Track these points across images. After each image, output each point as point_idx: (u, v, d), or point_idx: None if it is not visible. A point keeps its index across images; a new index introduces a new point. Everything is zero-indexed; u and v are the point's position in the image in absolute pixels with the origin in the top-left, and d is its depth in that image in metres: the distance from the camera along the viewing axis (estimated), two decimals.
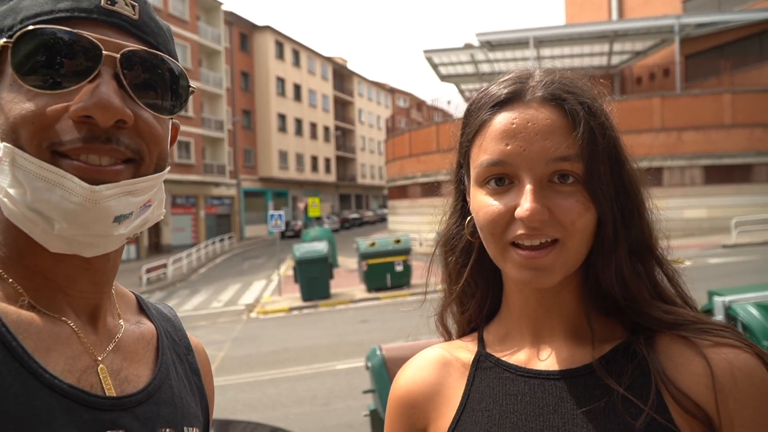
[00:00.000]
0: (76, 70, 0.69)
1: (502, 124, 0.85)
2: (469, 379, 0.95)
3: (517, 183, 0.83)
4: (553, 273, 0.83)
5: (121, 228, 0.74)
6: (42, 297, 0.75)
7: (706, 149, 24.50)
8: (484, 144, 0.86)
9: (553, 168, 0.82)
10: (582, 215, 0.82)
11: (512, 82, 0.88)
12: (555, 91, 0.85)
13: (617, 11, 33.78)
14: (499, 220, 0.83)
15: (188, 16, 38.54)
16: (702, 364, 0.82)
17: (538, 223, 0.80)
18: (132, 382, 0.79)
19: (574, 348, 0.91)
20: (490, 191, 0.85)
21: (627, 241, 0.87)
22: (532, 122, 0.83)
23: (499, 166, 0.84)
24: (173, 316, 1.01)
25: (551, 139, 0.82)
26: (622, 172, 0.88)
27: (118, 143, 0.71)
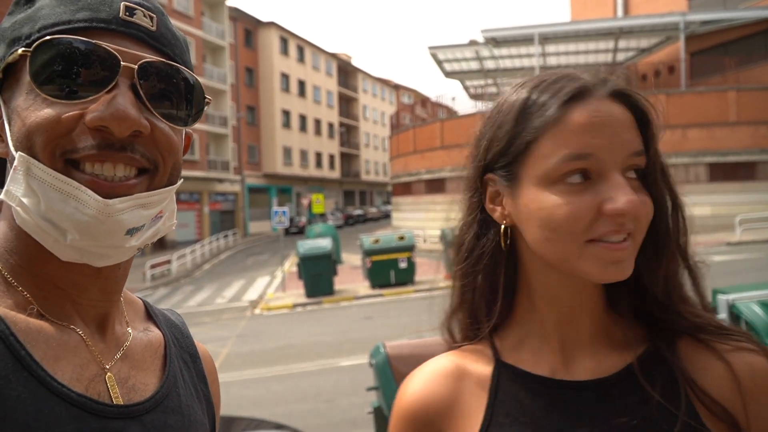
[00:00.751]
0: (94, 80, 0.70)
1: (584, 117, 0.81)
2: (492, 392, 0.91)
3: (596, 178, 0.81)
4: (631, 264, 0.82)
5: (133, 240, 0.74)
6: (51, 305, 0.75)
7: (710, 147, 24.41)
8: (563, 138, 0.81)
9: (630, 162, 0.82)
10: (651, 209, 0.83)
11: (572, 80, 0.85)
12: (623, 88, 0.85)
13: (622, 8, 33.66)
14: (584, 218, 0.79)
15: (193, 12, 38.52)
16: (724, 368, 0.83)
17: (631, 217, 0.79)
18: (139, 391, 0.79)
19: (601, 355, 0.89)
20: (567, 188, 0.81)
21: (678, 236, 0.88)
22: (612, 116, 0.82)
23: (584, 159, 0.80)
24: (181, 323, 1.01)
25: (630, 133, 0.82)
26: (665, 167, 0.89)
27: (133, 152, 0.72)
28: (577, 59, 33.55)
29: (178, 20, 36.65)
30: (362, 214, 55.80)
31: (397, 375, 4.09)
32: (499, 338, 0.97)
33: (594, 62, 33.16)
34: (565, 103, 0.83)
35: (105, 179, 0.70)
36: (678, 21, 26.84)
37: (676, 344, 0.87)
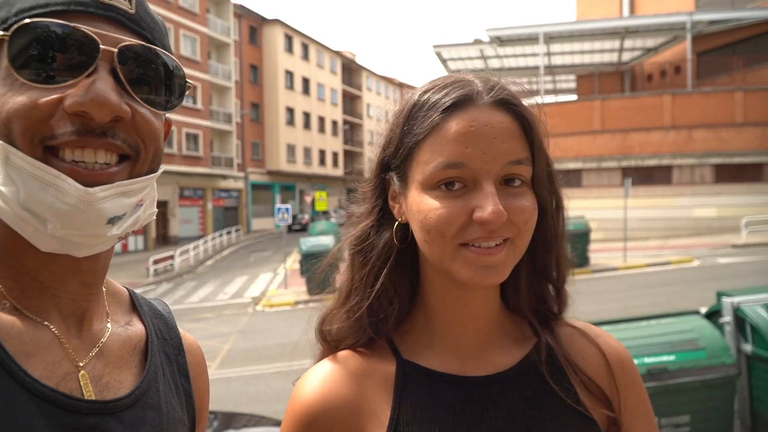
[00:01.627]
0: (73, 64, 0.68)
1: (461, 126, 0.84)
2: (397, 391, 0.90)
3: (471, 186, 0.83)
4: (504, 269, 0.85)
5: (114, 229, 0.73)
6: (27, 298, 0.74)
7: (716, 148, 24.33)
8: (439, 146, 0.84)
9: (507, 171, 0.84)
10: (532, 215, 0.85)
11: (460, 86, 0.88)
12: (505, 96, 0.86)
13: (628, 7, 33.54)
14: (455, 222, 0.82)
15: (198, 9, 38.52)
16: (596, 353, 0.96)
17: (497, 226, 0.81)
18: (113, 389, 0.77)
19: (498, 349, 0.95)
20: (442, 194, 0.84)
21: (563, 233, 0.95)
22: (489, 125, 0.83)
23: (457, 168, 0.83)
24: (167, 313, 0.99)
25: (507, 142, 0.83)
26: (551, 171, 0.92)
27: (113, 137, 0.70)
28: (582, 59, 33.49)
29: (184, 17, 36.73)
30: None
31: None
32: (399, 336, 0.97)
33: (600, 62, 33.12)
34: (445, 110, 0.85)
35: (85, 167, 0.69)
36: (685, 20, 26.74)
37: (558, 333, 0.97)
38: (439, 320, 0.94)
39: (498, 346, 0.95)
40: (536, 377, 0.91)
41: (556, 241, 0.94)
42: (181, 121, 36.21)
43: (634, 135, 25.10)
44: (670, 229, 24.08)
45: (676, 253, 19.11)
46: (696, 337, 4.51)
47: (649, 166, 25.03)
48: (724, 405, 4.44)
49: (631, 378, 0.96)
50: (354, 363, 0.94)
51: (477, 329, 0.94)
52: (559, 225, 0.94)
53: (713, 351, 4.41)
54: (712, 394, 4.37)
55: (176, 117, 35.31)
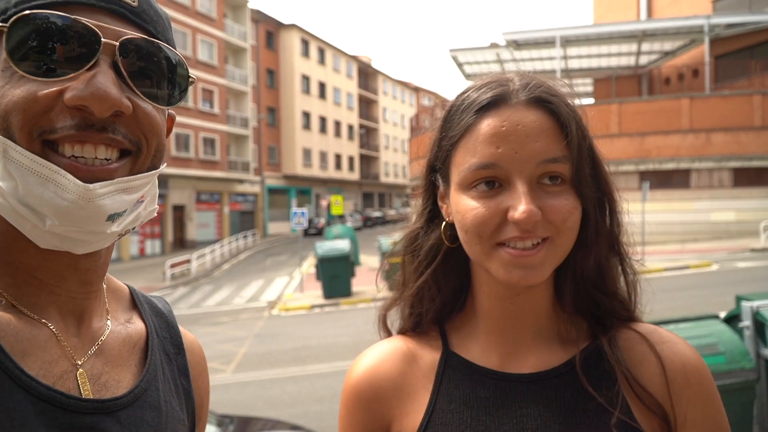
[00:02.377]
0: (73, 57, 0.66)
1: (491, 126, 0.84)
2: (437, 378, 0.95)
3: (506, 186, 0.83)
4: (542, 270, 0.84)
5: (114, 226, 0.72)
6: (25, 295, 0.73)
7: (735, 151, 24.06)
8: (472, 147, 0.85)
9: (543, 170, 0.83)
10: (572, 214, 0.84)
11: (495, 86, 0.88)
12: (540, 94, 0.85)
13: (646, 11, 33.31)
14: (489, 222, 0.83)
15: (215, 14, 38.83)
16: (655, 361, 0.89)
17: (532, 225, 0.81)
18: (111, 388, 0.76)
19: (543, 349, 0.93)
20: (478, 194, 0.85)
21: (607, 235, 0.91)
22: (521, 125, 0.83)
23: (489, 168, 0.83)
24: (167, 311, 0.97)
25: (541, 141, 0.83)
26: (599, 170, 0.90)
27: (114, 132, 0.69)
28: (599, 62, 33.28)
29: (201, 22, 37.02)
30: (381, 216, 55.78)
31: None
32: (450, 328, 1.01)
33: (617, 65, 32.89)
34: (477, 111, 0.86)
35: (85, 162, 0.67)
36: (702, 24, 26.48)
37: (616, 337, 0.92)
38: (485, 316, 0.95)
39: (544, 346, 0.93)
40: (579, 381, 0.88)
41: (597, 244, 0.90)
42: (198, 125, 36.47)
43: (651, 138, 24.88)
44: (688, 233, 23.82)
45: (694, 257, 18.91)
46: (715, 342, 4.46)
47: (667, 169, 24.80)
48: (743, 410, 4.39)
49: (697, 391, 0.88)
50: (404, 347, 1.00)
51: (522, 328, 0.93)
52: (601, 228, 0.90)
53: (732, 356, 4.36)
54: (731, 399, 4.32)
55: (193, 121, 35.61)
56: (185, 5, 35.78)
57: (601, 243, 0.90)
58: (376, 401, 0.96)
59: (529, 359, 0.92)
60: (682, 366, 0.88)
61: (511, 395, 0.89)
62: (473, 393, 0.91)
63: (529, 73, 0.91)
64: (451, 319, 1.02)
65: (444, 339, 0.99)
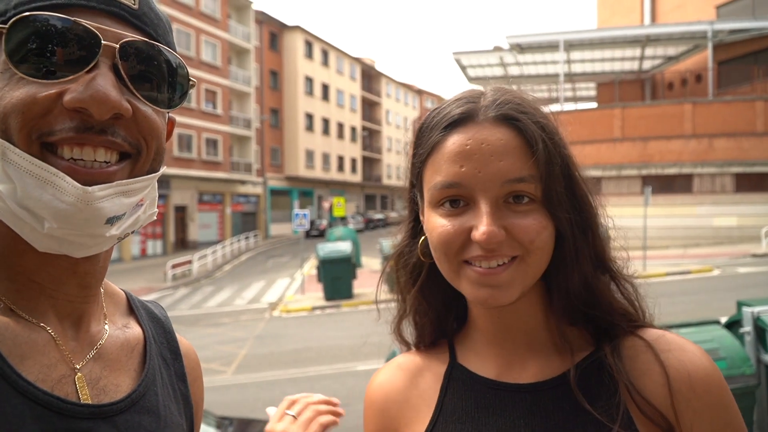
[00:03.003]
0: (73, 59, 0.66)
1: (456, 145, 0.83)
2: (442, 390, 0.96)
3: (472, 204, 0.83)
4: (511, 289, 0.82)
5: (113, 229, 0.71)
6: (24, 300, 0.72)
7: (737, 157, 24.02)
8: (437, 166, 0.85)
9: (508, 189, 0.81)
10: (540, 233, 0.82)
11: (464, 102, 0.87)
12: (508, 111, 0.84)
13: (650, 16, 33.29)
14: (454, 241, 0.83)
15: (219, 15, 38.85)
16: (659, 370, 0.85)
17: (496, 245, 0.80)
18: (110, 393, 0.76)
19: (541, 360, 0.91)
20: (444, 212, 0.85)
21: (589, 253, 0.88)
22: (486, 143, 0.82)
23: (453, 188, 0.83)
24: (164, 317, 0.97)
25: (506, 160, 0.81)
26: (575, 188, 0.87)
27: (113, 135, 0.69)
28: (602, 66, 33.27)
29: (205, 22, 37.06)
30: (383, 219, 55.74)
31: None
32: (458, 342, 1.02)
33: (620, 70, 32.87)
34: (445, 128, 0.85)
35: (84, 165, 0.67)
36: (706, 29, 26.47)
37: (620, 346, 0.89)
38: (480, 328, 0.96)
39: (542, 356, 0.91)
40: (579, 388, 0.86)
41: (579, 263, 0.87)
42: (200, 126, 36.50)
43: (654, 143, 24.86)
44: (690, 237, 23.78)
45: (696, 262, 18.86)
46: (716, 347, 4.45)
47: (670, 174, 24.77)
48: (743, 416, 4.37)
49: (705, 401, 0.82)
50: (413, 362, 1.03)
51: (515, 339, 0.93)
52: (581, 247, 0.87)
53: (733, 361, 4.35)
54: None
55: (196, 122, 35.64)
56: (189, 6, 35.83)
57: (583, 261, 0.88)
58: (384, 412, 1.01)
59: (527, 369, 0.91)
60: (688, 375, 0.83)
61: (510, 405, 0.89)
62: (474, 403, 0.92)
63: (504, 89, 0.90)
64: (458, 332, 1.03)
65: (452, 351, 1.01)
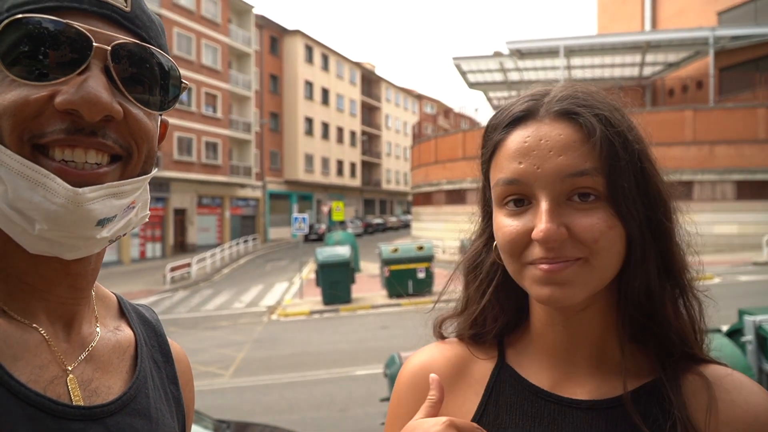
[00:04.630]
0: (65, 61, 0.67)
1: (515, 142, 0.83)
2: (488, 388, 0.93)
3: (534, 203, 0.81)
4: (574, 288, 0.78)
5: (104, 231, 0.71)
6: (16, 301, 0.72)
7: (738, 164, 24.03)
8: (500, 164, 0.85)
9: (570, 185, 0.78)
10: (605, 233, 0.78)
11: (528, 99, 0.86)
12: (568, 106, 0.82)
13: (650, 22, 33.39)
14: (517, 241, 0.81)
15: (220, 19, 38.95)
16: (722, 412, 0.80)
17: (556, 244, 0.77)
18: (102, 394, 0.76)
19: (599, 378, 0.87)
20: (508, 212, 0.83)
21: (657, 258, 0.83)
22: (545, 139, 0.80)
23: (513, 185, 0.82)
24: (155, 320, 0.98)
25: (566, 155, 0.78)
26: (649, 186, 0.83)
27: (104, 137, 0.69)
28: (602, 72, 33.33)
29: (206, 26, 37.16)
30: (382, 223, 55.80)
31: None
32: (507, 341, 0.98)
33: (620, 76, 32.92)
34: (506, 126, 0.85)
35: (75, 166, 0.67)
36: (707, 36, 26.53)
37: (681, 378, 0.84)
38: (539, 337, 0.92)
39: (600, 374, 0.87)
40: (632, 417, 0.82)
41: (644, 268, 0.82)
42: (200, 129, 36.54)
43: (654, 150, 24.61)
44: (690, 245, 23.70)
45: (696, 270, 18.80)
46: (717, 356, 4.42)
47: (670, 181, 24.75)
48: None
49: None
50: (459, 350, 0.99)
51: (575, 353, 0.89)
52: (649, 250, 0.82)
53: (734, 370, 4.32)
54: None
55: (196, 125, 35.73)
56: (190, 10, 35.91)
57: (650, 266, 0.82)
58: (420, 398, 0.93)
59: (583, 385, 0.87)
60: (754, 418, 0.79)
61: (559, 419, 0.86)
62: (521, 409, 0.89)
63: (573, 83, 0.87)
64: (511, 333, 0.99)
65: (501, 351, 0.97)
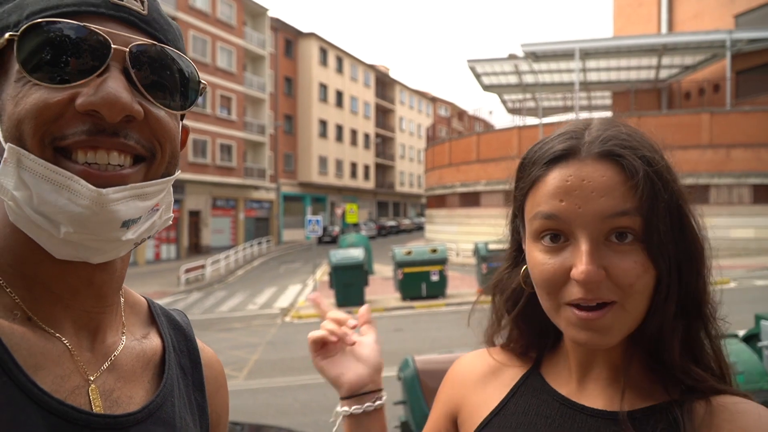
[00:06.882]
0: (84, 64, 0.67)
1: (557, 180, 0.83)
2: (513, 389, 1.00)
3: (572, 241, 0.82)
4: (610, 334, 0.81)
5: (129, 233, 0.72)
6: (41, 309, 0.72)
7: (755, 167, 23.78)
8: (538, 200, 0.85)
9: (609, 225, 0.79)
10: (641, 277, 0.79)
11: (568, 137, 0.86)
12: (612, 147, 0.82)
13: (666, 24, 33.12)
14: (555, 280, 0.82)
15: (235, 22, 39.19)
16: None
17: (595, 285, 0.78)
18: (123, 404, 0.76)
19: (615, 394, 0.89)
20: (545, 247, 0.84)
21: (678, 300, 0.83)
22: (587, 180, 0.81)
23: (552, 219, 0.82)
24: (185, 324, 0.97)
25: (608, 196, 0.79)
26: (684, 228, 0.83)
27: (126, 137, 0.69)
28: (618, 75, 33.13)
29: (221, 29, 37.41)
30: (395, 226, 55.79)
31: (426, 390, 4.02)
32: (547, 353, 1.04)
33: (636, 79, 32.68)
34: (547, 163, 0.86)
35: (98, 168, 0.68)
36: (724, 38, 26.28)
37: (694, 405, 0.83)
38: (568, 353, 0.97)
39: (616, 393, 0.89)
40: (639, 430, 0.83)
41: (662, 311, 0.82)
42: (215, 131, 36.76)
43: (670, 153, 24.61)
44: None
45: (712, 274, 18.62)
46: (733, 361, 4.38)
47: (686, 185, 24.51)
48: None
49: None
50: (501, 356, 1.07)
51: (600, 371, 0.92)
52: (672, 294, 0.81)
53: (751, 376, 4.28)
54: None
55: (210, 128, 35.92)
56: (205, 13, 36.16)
57: (668, 309, 0.82)
58: (457, 387, 1.09)
59: (601, 397, 0.90)
60: None
61: (569, 423, 0.89)
62: (537, 409, 0.94)
63: (612, 121, 0.89)
64: (552, 348, 1.04)
65: (537, 361, 1.03)
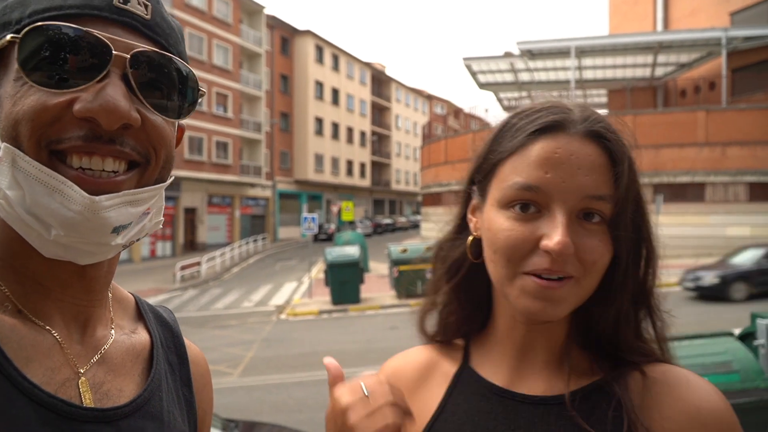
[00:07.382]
0: (84, 68, 0.67)
1: (544, 150, 0.83)
2: (449, 389, 0.97)
3: (545, 213, 0.82)
4: (563, 306, 0.82)
5: (119, 238, 0.72)
6: (31, 302, 0.73)
7: (751, 165, 23.85)
8: (520, 167, 0.85)
9: (586, 204, 0.81)
10: (603, 256, 0.82)
11: (556, 111, 0.87)
12: (600, 129, 0.84)
13: (662, 22, 33.15)
14: (521, 248, 0.82)
15: (231, 19, 39.10)
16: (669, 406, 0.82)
17: (565, 258, 0.79)
18: (113, 397, 0.76)
19: (554, 377, 0.91)
20: (513, 215, 0.84)
21: (632, 285, 0.87)
22: (575, 156, 0.82)
23: (531, 191, 0.82)
24: (172, 321, 0.98)
25: (591, 175, 0.81)
26: (641, 218, 0.87)
27: (122, 144, 0.69)
28: (614, 73, 33.17)
29: (217, 27, 37.33)
30: (391, 223, 55.79)
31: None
32: (474, 344, 1.02)
33: (632, 77, 32.74)
34: (533, 133, 0.85)
35: (92, 174, 0.68)
36: (720, 36, 26.32)
37: (629, 378, 0.86)
38: (502, 337, 0.96)
39: (555, 373, 0.91)
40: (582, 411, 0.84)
41: (620, 295, 0.85)
42: (211, 129, 36.69)
43: (666, 151, 24.70)
44: (702, 247, 23.56)
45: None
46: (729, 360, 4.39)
47: (682, 182, 24.61)
48: (757, 431, 4.30)
49: None
50: (427, 357, 1.05)
51: (535, 354, 0.93)
52: (631, 276, 0.85)
53: (747, 374, 4.29)
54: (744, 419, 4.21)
55: (207, 125, 35.88)
56: (202, 10, 36.07)
57: (625, 296, 0.86)
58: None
59: (538, 383, 0.91)
60: (698, 412, 0.80)
61: (512, 414, 0.89)
62: (477, 406, 0.92)
63: (589, 107, 0.90)
64: (477, 334, 1.03)
65: (465, 353, 1.01)
